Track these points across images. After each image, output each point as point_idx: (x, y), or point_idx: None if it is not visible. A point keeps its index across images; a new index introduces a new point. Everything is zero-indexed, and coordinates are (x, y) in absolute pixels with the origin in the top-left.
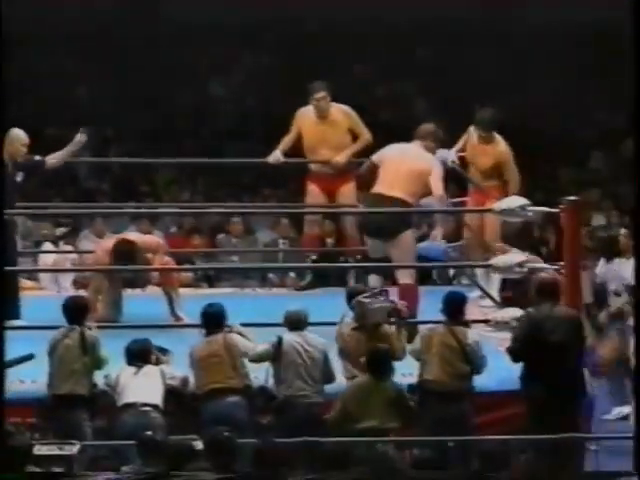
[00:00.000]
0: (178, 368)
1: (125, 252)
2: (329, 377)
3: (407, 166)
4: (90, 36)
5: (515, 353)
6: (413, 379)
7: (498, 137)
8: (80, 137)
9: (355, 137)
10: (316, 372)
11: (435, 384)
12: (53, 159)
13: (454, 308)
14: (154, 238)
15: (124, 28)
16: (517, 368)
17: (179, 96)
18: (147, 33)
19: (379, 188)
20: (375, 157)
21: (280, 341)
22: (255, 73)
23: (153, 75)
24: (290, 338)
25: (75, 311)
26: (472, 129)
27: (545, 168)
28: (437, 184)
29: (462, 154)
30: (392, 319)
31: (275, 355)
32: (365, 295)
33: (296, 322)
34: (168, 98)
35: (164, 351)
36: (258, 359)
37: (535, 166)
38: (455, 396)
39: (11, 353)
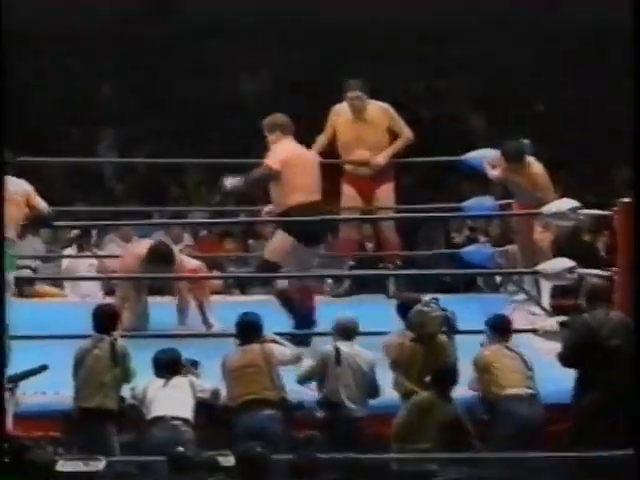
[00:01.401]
0: (209, 380)
1: (163, 255)
2: (375, 391)
3: (312, 165)
4: (115, 34)
5: (569, 359)
6: None
7: (530, 160)
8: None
9: (395, 136)
10: (363, 385)
11: (513, 398)
12: None
13: (503, 326)
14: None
15: (150, 25)
16: (565, 380)
17: (208, 95)
18: (174, 30)
19: (307, 196)
20: (273, 162)
21: (337, 351)
22: (286, 71)
23: (181, 73)
24: (347, 350)
25: (105, 320)
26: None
27: (596, 169)
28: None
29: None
30: (445, 329)
31: (323, 369)
32: (423, 304)
33: (346, 331)
34: (196, 97)
35: (194, 363)
36: (306, 378)
37: (585, 167)
38: (533, 405)
39: (29, 363)
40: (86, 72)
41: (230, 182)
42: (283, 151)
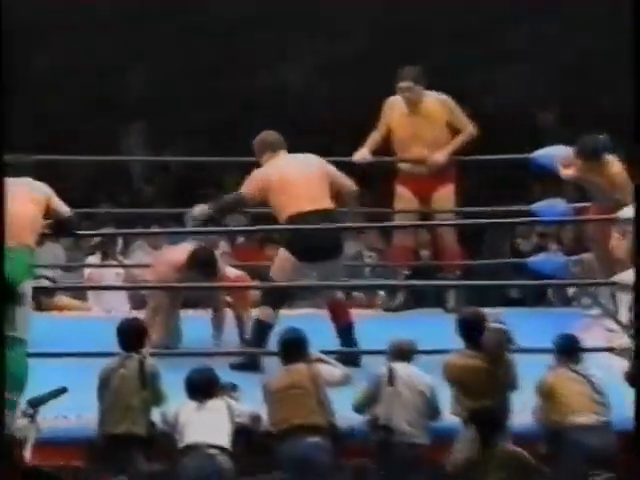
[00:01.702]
0: (248, 403)
1: (206, 263)
2: (436, 414)
3: (313, 172)
4: (148, 21)
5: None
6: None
7: (608, 158)
8: None
9: (455, 132)
10: (421, 409)
11: (581, 427)
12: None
13: (571, 347)
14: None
15: (183, 13)
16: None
17: (246, 86)
18: (212, 17)
19: (309, 203)
20: (247, 189)
21: (391, 372)
22: (332, 61)
23: (216, 63)
24: (401, 371)
25: (132, 336)
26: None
27: None
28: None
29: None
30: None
31: (376, 392)
32: (495, 320)
33: (402, 352)
34: (235, 89)
35: (232, 387)
36: (363, 404)
37: None
38: (604, 434)
39: (48, 383)
40: (113, 56)
41: (198, 211)
42: (264, 174)
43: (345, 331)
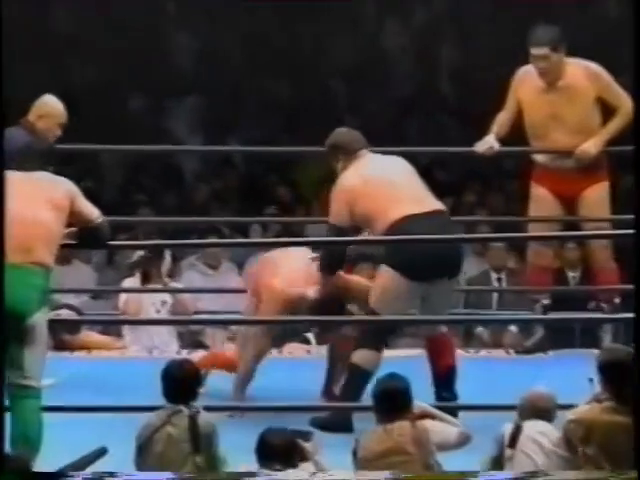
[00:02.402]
0: (334, 459)
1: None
2: None
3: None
4: None
5: None
6: None
7: None
8: None
9: (608, 113)
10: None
11: None
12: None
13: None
14: None
15: None
16: None
17: (331, 56)
18: None
19: (415, 206)
20: (336, 217)
21: (517, 429)
22: (450, 23)
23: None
24: (529, 430)
25: (183, 384)
26: None
27: None
28: None
29: None
30: None
31: (500, 456)
32: None
33: (537, 409)
34: (314, 62)
35: (305, 435)
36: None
37: None
38: None
39: (76, 442)
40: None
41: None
42: (347, 186)
43: (447, 377)
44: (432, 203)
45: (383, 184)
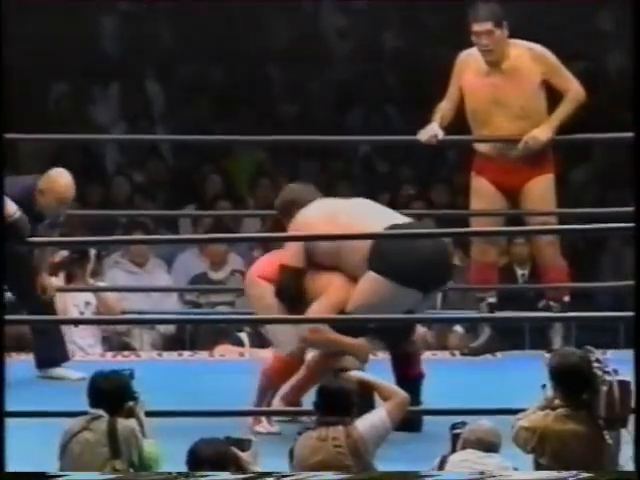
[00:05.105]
0: (277, 466)
1: None
2: None
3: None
4: None
5: None
6: None
7: None
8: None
9: (554, 98)
10: None
11: None
12: None
13: None
14: None
15: None
16: None
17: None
18: None
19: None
20: (291, 259)
21: (443, 461)
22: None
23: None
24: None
25: (107, 395)
26: None
27: None
28: None
29: None
30: None
31: None
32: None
33: (481, 444)
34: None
35: (242, 443)
36: None
37: None
38: None
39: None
40: None
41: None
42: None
43: (413, 385)
44: (404, 218)
45: (351, 211)
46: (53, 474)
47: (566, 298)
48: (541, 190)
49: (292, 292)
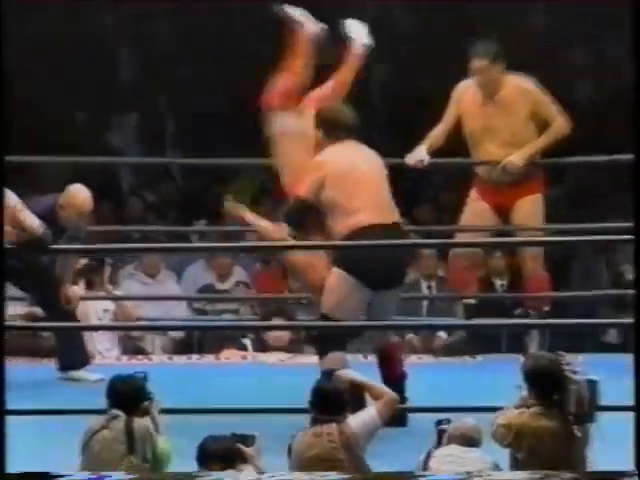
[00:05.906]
0: (271, 459)
1: None
2: None
3: (379, 175)
4: None
5: None
6: None
7: None
8: None
9: (543, 126)
10: None
11: None
12: None
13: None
14: None
15: None
16: None
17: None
18: None
19: (377, 215)
20: (305, 191)
21: (428, 455)
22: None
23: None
24: (444, 454)
25: (126, 392)
26: None
27: None
28: None
29: None
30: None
31: None
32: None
33: (463, 439)
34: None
35: (247, 439)
36: None
37: None
38: None
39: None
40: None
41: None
42: (325, 165)
43: (397, 384)
44: (392, 214)
45: (355, 180)
46: (56, 474)
47: (546, 308)
48: (529, 209)
49: (298, 218)
